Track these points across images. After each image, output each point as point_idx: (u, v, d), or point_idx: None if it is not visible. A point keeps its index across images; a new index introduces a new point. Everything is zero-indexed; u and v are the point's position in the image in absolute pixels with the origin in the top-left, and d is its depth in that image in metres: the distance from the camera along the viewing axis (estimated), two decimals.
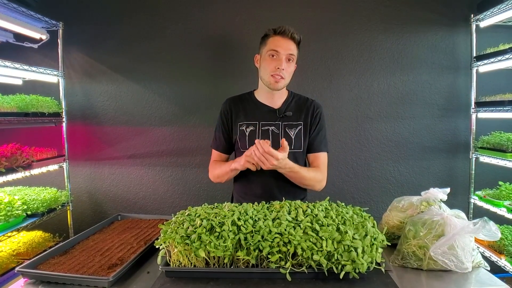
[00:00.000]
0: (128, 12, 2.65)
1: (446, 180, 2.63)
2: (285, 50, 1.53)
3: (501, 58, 2.16)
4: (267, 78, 1.57)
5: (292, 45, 1.55)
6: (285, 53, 1.53)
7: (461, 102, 2.56)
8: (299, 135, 1.62)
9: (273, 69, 1.54)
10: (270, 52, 1.54)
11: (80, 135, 2.73)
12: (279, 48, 1.53)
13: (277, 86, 1.57)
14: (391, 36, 2.56)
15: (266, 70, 1.56)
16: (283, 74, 1.54)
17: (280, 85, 1.57)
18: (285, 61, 1.54)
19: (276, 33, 1.55)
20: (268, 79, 1.57)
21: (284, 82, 1.58)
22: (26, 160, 2.08)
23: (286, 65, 1.54)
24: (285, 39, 1.54)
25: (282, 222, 1.09)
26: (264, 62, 1.58)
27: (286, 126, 1.63)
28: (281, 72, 1.53)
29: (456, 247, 1.07)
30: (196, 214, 1.18)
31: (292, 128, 1.63)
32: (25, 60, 2.59)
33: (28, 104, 2.19)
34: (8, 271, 1.93)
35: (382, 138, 2.63)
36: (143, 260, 1.24)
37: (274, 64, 1.54)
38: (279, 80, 1.55)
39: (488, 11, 2.25)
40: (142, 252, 1.24)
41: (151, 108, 2.71)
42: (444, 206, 1.30)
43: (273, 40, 1.55)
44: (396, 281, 1.05)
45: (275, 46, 1.53)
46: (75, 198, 2.72)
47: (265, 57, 1.57)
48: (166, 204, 2.78)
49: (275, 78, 1.54)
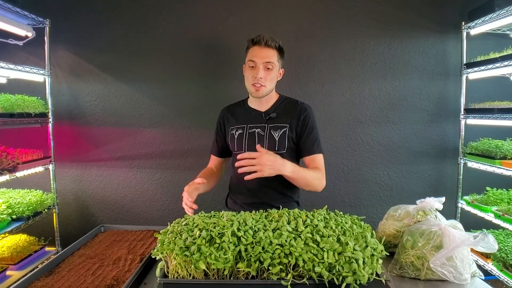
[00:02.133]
0: (117, 10, 2.59)
1: (434, 185, 2.67)
2: (261, 59, 1.60)
3: (491, 66, 2.20)
4: (249, 87, 1.66)
5: (269, 52, 1.61)
6: (261, 61, 1.60)
7: (450, 108, 2.60)
8: (283, 137, 1.66)
9: (252, 79, 1.62)
10: (249, 62, 1.64)
11: (67, 136, 2.66)
12: (255, 58, 1.61)
13: (258, 94, 1.65)
14: (383, 41, 2.58)
15: (248, 79, 1.66)
16: (262, 82, 1.61)
17: (261, 92, 1.64)
18: (263, 70, 1.61)
19: (253, 43, 1.64)
20: (250, 88, 1.66)
21: (265, 90, 1.64)
22: (11, 163, 2.01)
23: (265, 73, 1.61)
24: (262, 48, 1.61)
25: (282, 233, 1.08)
26: (245, 72, 1.69)
27: (272, 128, 1.68)
28: (260, 81, 1.61)
29: (455, 258, 1.08)
30: (193, 223, 1.15)
31: (277, 130, 1.67)
32: (9, 57, 2.53)
33: (14, 104, 2.11)
34: None
35: (372, 142, 2.65)
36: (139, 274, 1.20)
37: (252, 73, 1.62)
38: (259, 88, 1.62)
39: (479, 19, 2.29)
40: (139, 269, 1.18)
41: (140, 109, 2.66)
42: (440, 215, 1.31)
43: (252, 51, 1.64)
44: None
45: (252, 56, 1.62)
46: (61, 200, 2.65)
47: (246, 68, 1.68)
48: (155, 207, 2.73)
49: (255, 86, 1.62)
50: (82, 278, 1.15)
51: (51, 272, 1.21)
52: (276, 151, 1.62)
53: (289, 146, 1.67)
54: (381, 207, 2.69)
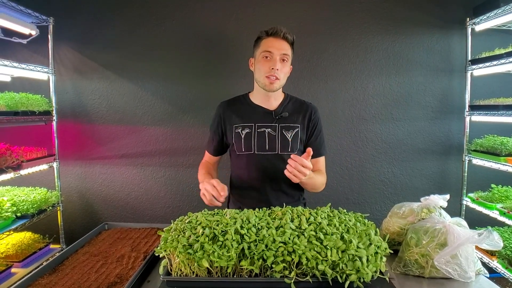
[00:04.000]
0: (121, 8, 2.59)
1: (439, 182, 2.66)
2: (278, 50, 1.51)
3: (496, 62, 2.18)
4: (262, 79, 1.55)
5: (286, 45, 1.53)
6: (278, 53, 1.51)
7: (455, 105, 2.59)
8: (296, 138, 1.59)
9: (268, 70, 1.51)
10: (263, 53, 1.53)
11: (71, 134, 2.67)
12: (272, 48, 1.51)
13: (273, 87, 1.54)
14: (387, 37, 2.56)
15: (261, 71, 1.54)
16: (278, 75, 1.52)
17: (276, 86, 1.54)
18: (279, 62, 1.52)
19: (268, 35, 1.54)
20: (263, 80, 1.54)
21: (279, 83, 1.55)
22: (15, 161, 2.02)
23: (281, 65, 1.52)
24: (278, 39, 1.52)
25: (286, 231, 1.08)
26: (258, 64, 1.57)
27: (283, 128, 1.60)
28: (276, 73, 1.51)
29: (460, 256, 1.07)
30: (197, 221, 1.15)
31: (289, 130, 1.60)
32: (13, 55, 2.54)
33: (18, 102, 2.12)
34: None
35: (376, 139, 2.64)
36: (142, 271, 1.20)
37: (268, 65, 1.52)
38: (274, 81, 1.52)
39: (484, 15, 2.27)
40: (143, 267, 1.18)
41: (144, 106, 2.66)
42: (444, 213, 1.30)
43: (266, 42, 1.53)
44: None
45: (268, 47, 1.52)
46: (65, 198, 2.66)
47: (259, 59, 1.55)
48: (158, 205, 2.74)
49: (270, 79, 1.52)
50: (86, 275, 1.15)
51: (55, 269, 1.21)
52: (289, 152, 1.57)
53: (300, 148, 1.61)
54: (385, 205, 2.68)
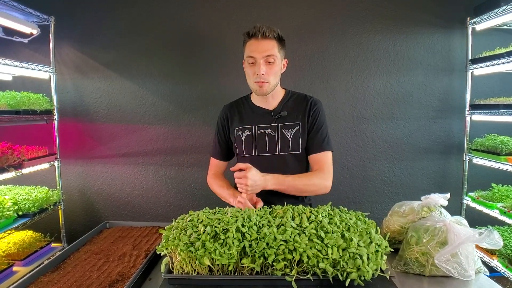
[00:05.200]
0: (122, 8, 2.60)
1: (439, 181, 2.66)
2: (260, 53, 1.46)
3: (496, 62, 2.18)
4: (252, 85, 1.54)
5: (269, 44, 1.47)
6: (261, 56, 1.46)
7: (455, 104, 2.59)
8: (296, 136, 1.57)
9: (254, 76, 1.50)
10: (248, 59, 1.51)
11: (72, 133, 2.68)
12: (254, 53, 1.47)
13: (263, 92, 1.52)
14: (388, 37, 2.56)
15: (250, 77, 1.53)
16: (265, 79, 1.49)
17: (266, 89, 1.52)
18: (264, 65, 1.48)
19: (250, 37, 1.49)
20: (253, 86, 1.53)
21: (269, 86, 1.52)
22: (17, 160, 2.03)
23: (266, 68, 1.48)
24: (259, 41, 1.47)
25: (287, 229, 1.08)
26: (246, 69, 1.56)
27: (283, 128, 1.58)
28: (262, 78, 1.48)
29: (460, 255, 1.07)
30: (198, 219, 1.16)
31: (289, 129, 1.57)
32: (14, 54, 2.54)
33: (19, 102, 2.13)
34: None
35: (377, 138, 2.64)
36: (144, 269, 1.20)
37: (253, 70, 1.49)
38: (263, 85, 1.50)
39: (485, 15, 2.27)
40: (144, 265, 1.17)
41: (145, 105, 2.66)
42: (444, 211, 1.31)
43: (249, 45, 1.50)
44: (399, 286, 1.06)
45: (251, 51, 1.48)
46: (67, 197, 2.67)
47: (246, 65, 1.54)
48: (160, 204, 2.75)
49: (259, 84, 1.50)
50: (88, 273, 1.15)
51: (57, 268, 1.21)
52: (290, 152, 1.56)
53: (304, 145, 1.58)
54: (385, 203, 2.69)
